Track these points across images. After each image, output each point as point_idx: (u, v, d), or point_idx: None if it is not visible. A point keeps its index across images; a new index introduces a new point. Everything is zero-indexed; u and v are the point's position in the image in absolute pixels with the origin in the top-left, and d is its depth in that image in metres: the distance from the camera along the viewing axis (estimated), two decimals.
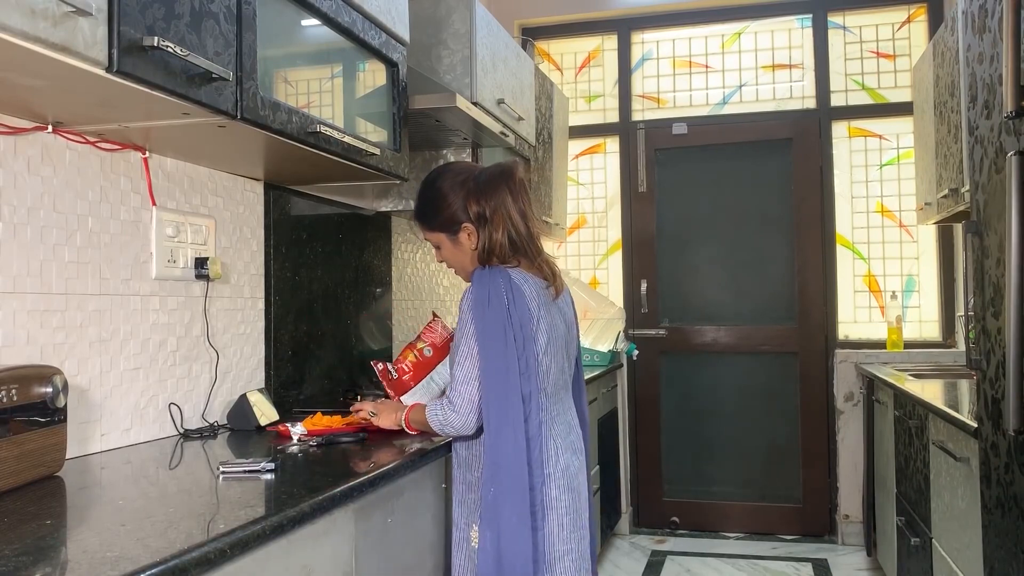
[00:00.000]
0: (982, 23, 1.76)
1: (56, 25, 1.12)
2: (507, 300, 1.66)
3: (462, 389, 1.67)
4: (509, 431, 1.63)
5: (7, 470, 1.30)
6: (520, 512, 1.62)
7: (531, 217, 1.76)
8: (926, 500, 2.56)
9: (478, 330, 1.65)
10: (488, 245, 1.73)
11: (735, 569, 3.71)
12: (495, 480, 1.63)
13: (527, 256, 1.76)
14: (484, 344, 1.64)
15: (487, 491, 1.63)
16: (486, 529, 1.63)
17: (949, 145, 3.11)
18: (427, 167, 2.82)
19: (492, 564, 1.61)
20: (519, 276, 1.72)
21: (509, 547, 1.61)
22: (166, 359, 1.89)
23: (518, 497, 1.62)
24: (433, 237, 1.82)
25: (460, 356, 1.68)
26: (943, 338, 4.07)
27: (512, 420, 1.63)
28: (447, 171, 1.82)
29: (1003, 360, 1.64)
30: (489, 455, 1.64)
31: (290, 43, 1.84)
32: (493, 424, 1.63)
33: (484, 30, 2.73)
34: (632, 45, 4.51)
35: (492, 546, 1.61)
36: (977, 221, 1.82)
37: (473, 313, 1.66)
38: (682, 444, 4.38)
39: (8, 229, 1.51)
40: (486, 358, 1.64)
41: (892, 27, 4.17)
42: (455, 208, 1.75)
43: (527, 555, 1.61)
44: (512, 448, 1.63)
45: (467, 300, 1.69)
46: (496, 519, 1.62)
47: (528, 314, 1.69)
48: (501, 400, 1.63)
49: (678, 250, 4.39)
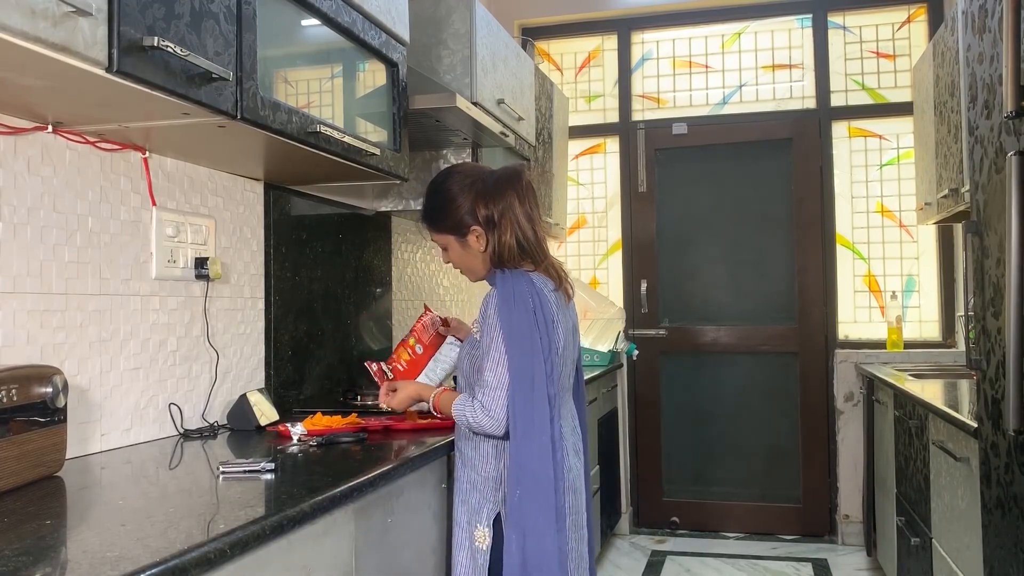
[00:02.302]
0: (982, 23, 1.76)
1: (56, 25, 1.12)
2: (532, 303, 1.67)
3: (496, 395, 1.66)
4: (536, 434, 1.64)
5: (7, 470, 1.30)
6: (547, 514, 1.63)
7: (537, 221, 1.78)
8: (926, 500, 2.56)
9: (506, 334, 1.66)
10: (498, 248, 1.74)
11: (735, 569, 3.71)
12: (521, 482, 1.63)
13: (534, 259, 1.77)
14: (512, 347, 1.65)
15: (512, 493, 1.64)
16: (511, 531, 1.64)
17: (949, 145, 3.11)
18: (427, 167, 2.82)
19: (518, 567, 1.62)
20: (538, 279, 1.74)
21: (536, 549, 1.62)
22: (166, 359, 1.89)
23: (545, 499, 1.64)
24: (441, 239, 1.83)
25: (491, 361, 1.68)
26: (943, 338, 4.07)
27: (539, 423, 1.64)
28: (455, 173, 1.82)
29: (1003, 360, 1.64)
30: (515, 457, 1.64)
31: (290, 43, 1.84)
32: (520, 426, 1.64)
33: (484, 30, 2.73)
34: (632, 45, 4.51)
35: (518, 548, 1.62)
36: (977, 221, 1.82)
37: (500, 316, 1.67)
38: (682, 444, 4.38)
39: (8, 229, 1.51)
40: (514, 361, 1.64)
41: (892, 27, 4.17)
42: (464, 211, 1.76)
43: (554, 556, 1.63)
44: (539, 450, 1.64)
45: (492, 303, 1.69)
46: (522, 521, 1.63)
47: (551, 316, 1.71)
48: (529, 403, 1.64)
49: (678, 250, 4.39)
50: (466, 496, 1.76)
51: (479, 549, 1.71)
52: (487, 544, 1.70)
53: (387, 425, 1.96)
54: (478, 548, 1.72)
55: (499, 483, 1.72)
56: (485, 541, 1.71)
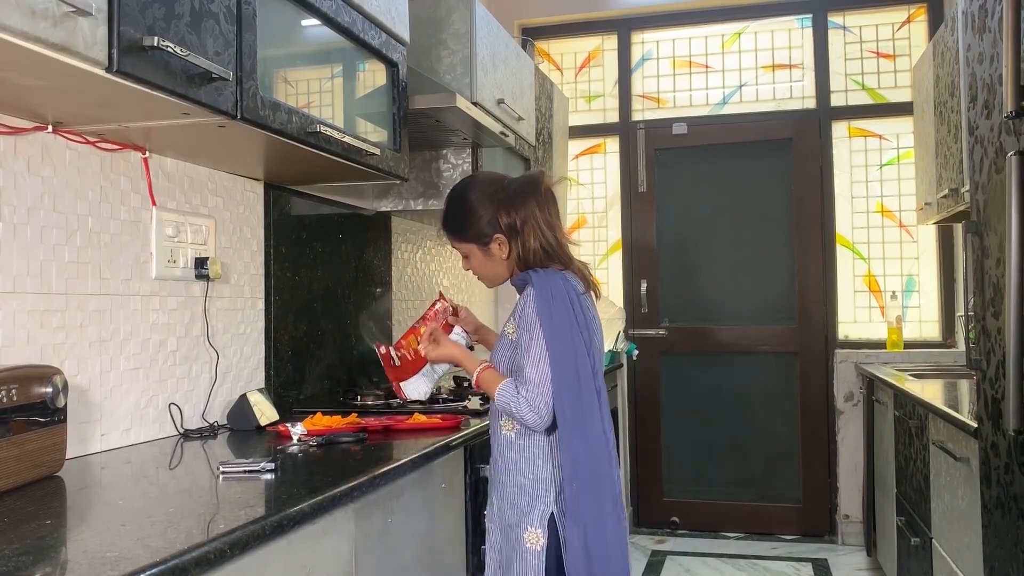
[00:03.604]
0: (982, 23, 1.76)
1: (56, 25, 1.12)
2: (571, 299, 1.70)
3: (540, 391, 1.67)
4: (589, 427, 1.67)
5: (7, 470, 1.30)
6: (605, 505, 1.66)
7: (558, 227, 1.80)
8: (926, 500, 2.56)
9: (546, 332, 1.67)
10: (523, 253, 1.77)
11: (735, 569, 3.71)
12: (578, 476, 1.65)
13: (561, 262, 1.79)
14: (554, 344, 1.66)
15: (570, 488, 1.66)
16: (573, 526, 1.65)
17: (949, 145, 3.11)
18: (427, 167, 2.82)
19: (582, 560, 1.64)
20: (572, 278, 1.77)
21: (598, 540, 1.64)
22: (166, 359, 1.89)
23: (602, 490, 1.67)
24: (463, 248, 1.85)
25: (532, 358, 1.68)
26: (943, 338, 4.07)
27: (590, 416, 1.67)
28: (476, 183, 1.84)
29: (1003, 360, 1.64)
30: (568, 452, 1.66)
31: (290, 43, 1.84)
32: (569, 422, 1.66)
33: (484, 30, 2.73)
34: (632, 45, 4.51)
35: (580, 541, 1.64)
36: (977, 221, 1.82)
37: (540, 315, 1.68)
38: (682, 444, 4.38)
39: (8, 229, 1.51)
40: (556, 357, 1.66)
41: (892, 27, 4.17)
42: (485, 220, 1.78)
43: (616, 546, 1.65)
44: (593, 443, 1.67)
45: (531, 302, 1.70)
46: (582, 514, 1.64)
47: (589, 313, 1.76)
48: (576, 398, 1.66)
49: (678, 250, 4.39)
50: (515, 500, 1.75)
51: (532, 550, 1.71)
52: (542, 544, 1.71)
53: (387, 425, 1.96)
54: (531, 549, 1.71)
55: (550, 484, 1.72)
56: (539, 542, 1.71)
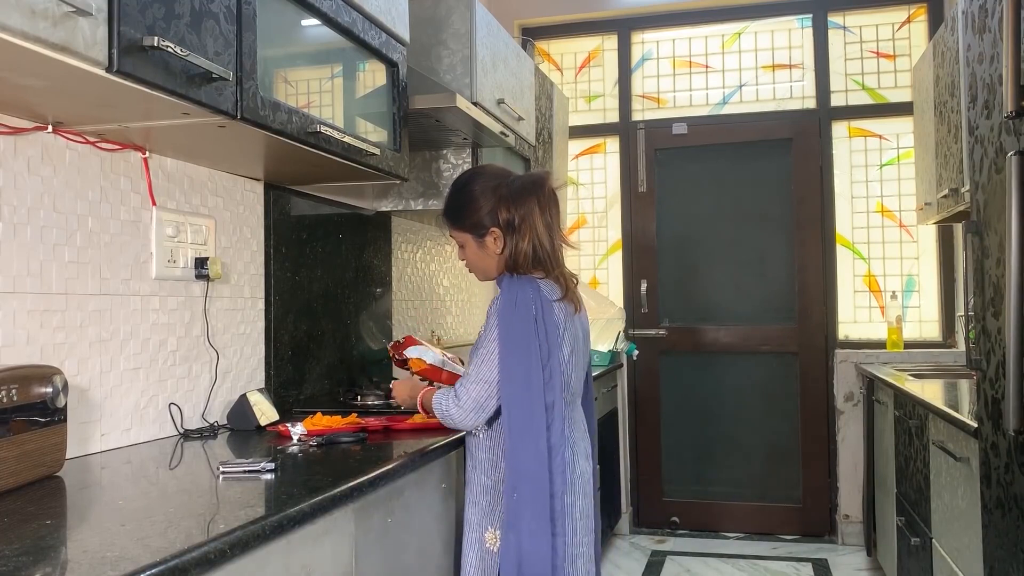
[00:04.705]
0: (982, 23, 1.76)
1: (56, 25, 1.12)
2: (535, 309, 1.69)
3: (472, 388, 1.71)
4: (531, 440, 1.66)
5: (7, 470, 1.30)
6: (541, 518, 1.65)
7: (556, 230, 1.80)
8: (926, 500, 2.56)
9: (503, 336, 1.68)
10: (513, 253, 1.77)
11: (735, 569, 3.70)
12: (518, 486, 1.66)
13: (545, 268, 1.79)
14: (508, 351, 1.67)
15: (510, 496, 1.66)
16: (509, 532, 1.66)
17: (949, 145, 3.11)
18: (427, 167, 2.82)
19: (513, 567, 1.65)
20: (547, 286, 1.76)
21: (530, 551, 1.64)
22: (166, 359, 1.89)
23: (540, 504, 1.66)
24: (459, 236, 1.86)
25: (479, 357, 1.71)
26: (943, 338, 4.07)
27: (535, 429, 1.66)
28: (480, 175, 1.85)
29: (1003, 360, 1.64)
30: (510, 462, 1.67)
31: (290, 43, 1.84)
32: (516, 432, 1.66)
33: (484, 30, 2.73)
34: (632, 45, 4.51)
35: (514, 550, 1.65)
36: (977, 221, 1.82)
37: (500, 319, 1.69)
38: (682, 444, 4.38)
39: (8, 229, 1.51)
40: (509, 365, 1.66)
41: (892, 27, 4.17)
42: (484, 212, 1.79)
43: (546, 559, 1.65)
44: (534, 456, 1.66)
45: (495, 306, 1.72)
46: (518, 523, 1.65)
47: (555, 324, 1.73)
48: (524, 409, 1.66)
49: (678, 250, 4.39)
50: (477, 498, 1.79)
51: (489, 551, 1.74)
52: (498, 546, 1.72)
53: (387, 425, 1.96)
54: (488, 550, 1.74)
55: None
56: (496, 543, 1.73)
